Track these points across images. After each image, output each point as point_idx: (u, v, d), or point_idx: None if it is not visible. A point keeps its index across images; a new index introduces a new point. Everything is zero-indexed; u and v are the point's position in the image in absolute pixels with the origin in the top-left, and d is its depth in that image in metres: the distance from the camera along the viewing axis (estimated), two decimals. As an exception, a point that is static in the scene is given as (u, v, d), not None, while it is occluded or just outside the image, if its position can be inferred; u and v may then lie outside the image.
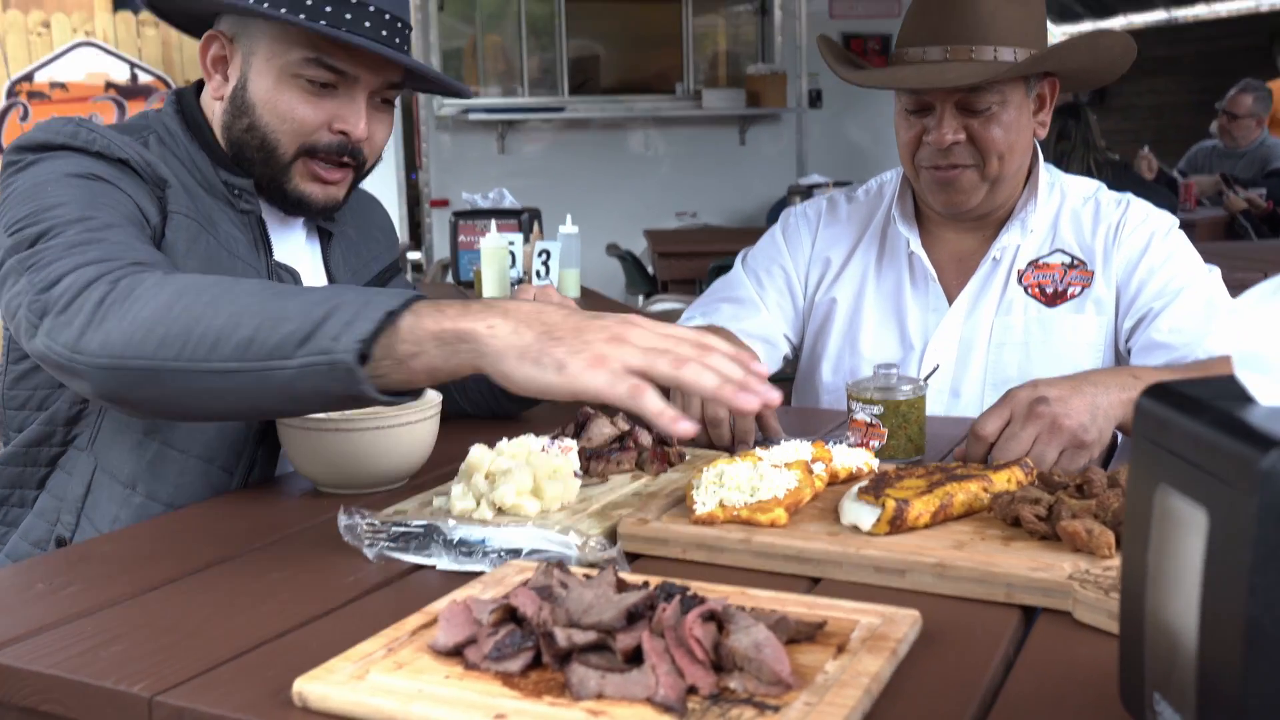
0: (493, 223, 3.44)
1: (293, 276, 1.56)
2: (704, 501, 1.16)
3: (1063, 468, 1.31)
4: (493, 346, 1.03)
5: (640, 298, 5.98)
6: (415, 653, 0.89)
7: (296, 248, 1.63)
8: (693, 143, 8.36)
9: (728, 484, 1.17)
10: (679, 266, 5.54)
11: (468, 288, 3.79)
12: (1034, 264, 1.84)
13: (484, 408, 1.74)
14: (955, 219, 1.86)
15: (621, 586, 0.92)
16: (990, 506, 1.15)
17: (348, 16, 1.44)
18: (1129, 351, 1.79)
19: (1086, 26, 11.61)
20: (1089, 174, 5.41)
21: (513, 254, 3.39)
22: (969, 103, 1.73)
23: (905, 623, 0.91)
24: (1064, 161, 4.69)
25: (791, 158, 8.58)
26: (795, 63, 8.53)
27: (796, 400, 2.03)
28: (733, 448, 1.47)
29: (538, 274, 3.21)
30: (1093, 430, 1.34)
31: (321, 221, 1.65)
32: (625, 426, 1.39)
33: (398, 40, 1.50)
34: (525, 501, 1.20)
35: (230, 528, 1.28)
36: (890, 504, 1.10)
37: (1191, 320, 1.71)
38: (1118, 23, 11.47)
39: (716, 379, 1.00)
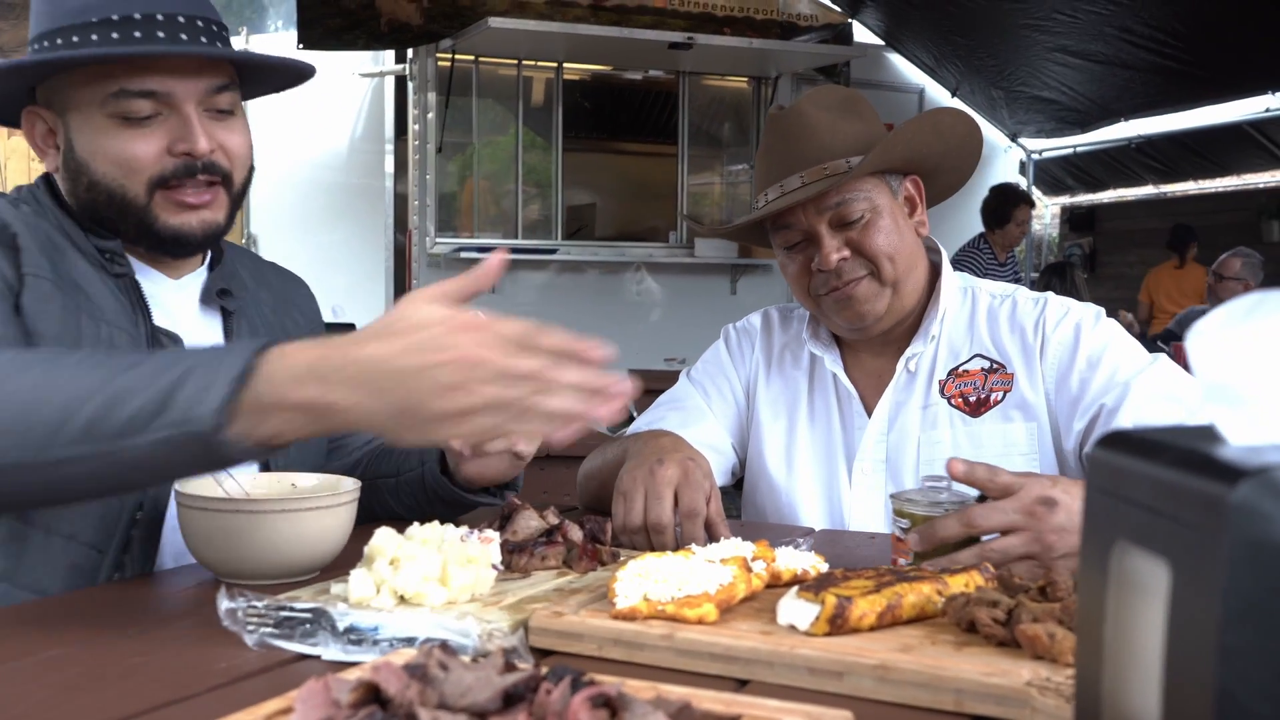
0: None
1: (174, 343, 1.46)
2: (626, 594, 1.05)
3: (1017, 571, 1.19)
4: (355, 419, 1.01)
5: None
6: (262, 737, 0.76)
7: (186, 320, 1.53)
8: (684, 290, 8.38)
9: (654, 577, 1.06)
10: (661, 406, 5.45)
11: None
12: (954, 372, 1.76)
13: (415, 511, 1.62)
14: (865, 335, 1.78)
15: (509, 671, 0.80)
16: (943, 611, 1.03)
17: (137, 34, 1.37)
18: (1085, 460, 1.68)
19: (1081, 199, 11.82)
20: None
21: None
22: (841, 217, 1.70)
23: (834, 724, 0.79)
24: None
25: (782, 308, 8.59)
26: (788, 216, 8.62)
27: (746, 514, 1.92)
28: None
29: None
30: (1071, 562, 1.21)
31: (221, 299, 1.56)
32: (554, 520, 1.28)
33: (204, 39, 1.41)
34: (430, 589, 1.08)
35: (97, 612, 1.16)
36: (831, 600, 0.99)
37: (1155, 410, 1.60)
38: (1108, 196, 11.66)
39: (574, 397, 1.00)
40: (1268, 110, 8.33)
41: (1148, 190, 11.73)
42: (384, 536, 1.12)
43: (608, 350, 1.02)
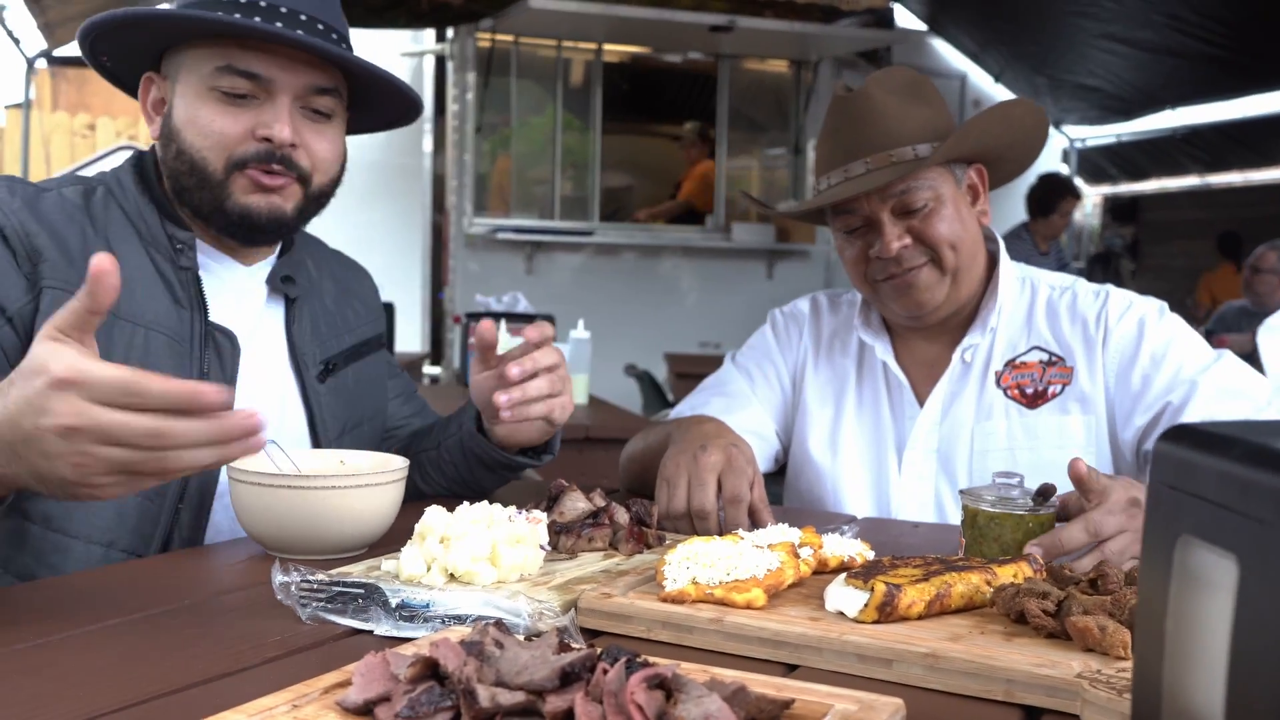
0: (503, 323, 3.38)
1: (229, 340, 1.47)
2: (675, 578, 1.05)
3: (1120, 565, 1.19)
4: (10, 483, 1.01)
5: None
6: (321, 709, 0.78)
7: (249, 309, 1.55)
8: (720, 274, 8.37)
9: (702, 560, 1.06)
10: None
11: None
12: (1011, 364, 1.75)
13: (459, 481, 1.64)
14: (921, 323, 1.77)
15: (564, 651, 0.81)
16: (992, 601, 1.03)
17: (257, 19, 1.40)
18: (1147, 454, 1.67)
19: (1123, 189, 11.67)
20: None
21: (522, 357, 3.31)
22: (905, 205, 1.68)
23: (886, 711, 0.79)
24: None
25: (818, 294, 8.56)
26: (826, 201, 8.58)
27: (789, 501, 1.92)
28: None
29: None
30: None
31: (284, 286, 1.58)
32: (601, 503, 1.29)
33: (320, 41, 1.43)
34: (480, 568, 1.09)
35: (150, 585, 1.17)
36: (880, 588, 0.99)
37: (1222, 407, 1.58)
38: (1150, 186, 11.52)
39: (206, 452, 0.94)
40: (1317, 102, 8.22)
41: (1192, 181, 11.59)
42: (435, 515, 1.13)
43: (223, 393, 0.92)
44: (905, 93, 1.72)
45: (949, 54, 8.92)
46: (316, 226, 1.64)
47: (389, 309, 4.77)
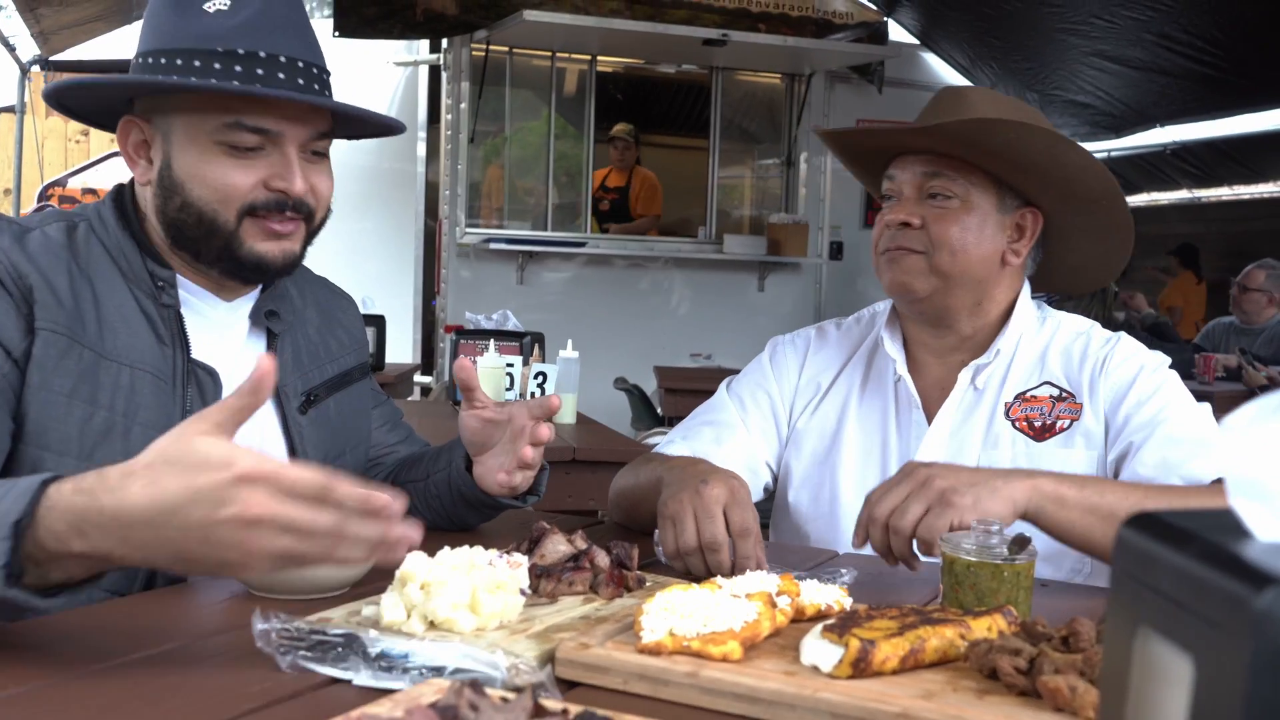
0: (492, 343, 3.40)
1: (211, 376, 1.49)
2: (652, 628, 1.06)
3: (927, 526, 1.37)
4: (138, 562, 1.03)
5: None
6: (296, 773, 0.78)
7: (231, 344, 1.56)
8: (712, 285, 8.39)
9: (680, 611, 1.07)
10: (686, 403, 5.45)
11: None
12: (1021, 397, 1.77)
13: (444, 516, 1.65)
14: (909, 309, 1.81)
15: (539, 713, 0.82)
16: (965, 656, 1.04)
17: (260, 72, 1.41)
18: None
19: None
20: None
21: (510, 375, 3.33)
22: (934, 190, 1.73)
23: (855, 777, 0.80)
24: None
25: (809, 306, 8.59)
26: (818, 215, 8.62)
27: (775, 533, 1.93)
28: (732, 574, 1.36)
29: (532, 396, 3.14)
30: (967, 495, 1.38)
31: (269, 321, 1.59)
32: (582, 545, 1.30)
33: (317, 87, 1.46)
34: (460, 616, 1.10)
35: (130, 628, 1.18)
36: (854, 644, 1.00)
37: (1176, 452, 1.63)
38: (1141, 199, 11.56)
39: (365, 549, 0.99)
40: (1307, 119, 8.26)
41: (1182, 194, 11.64)
42: (415, 561, 1.14)
43: (399, 502, 0.99)
44: (1003, 99, 1.77)
45: (941, 69, 8.95)
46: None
47: (380, 322, 4.77)
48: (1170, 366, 1.77)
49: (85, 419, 1.37)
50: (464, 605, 1.11)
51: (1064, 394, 1.75)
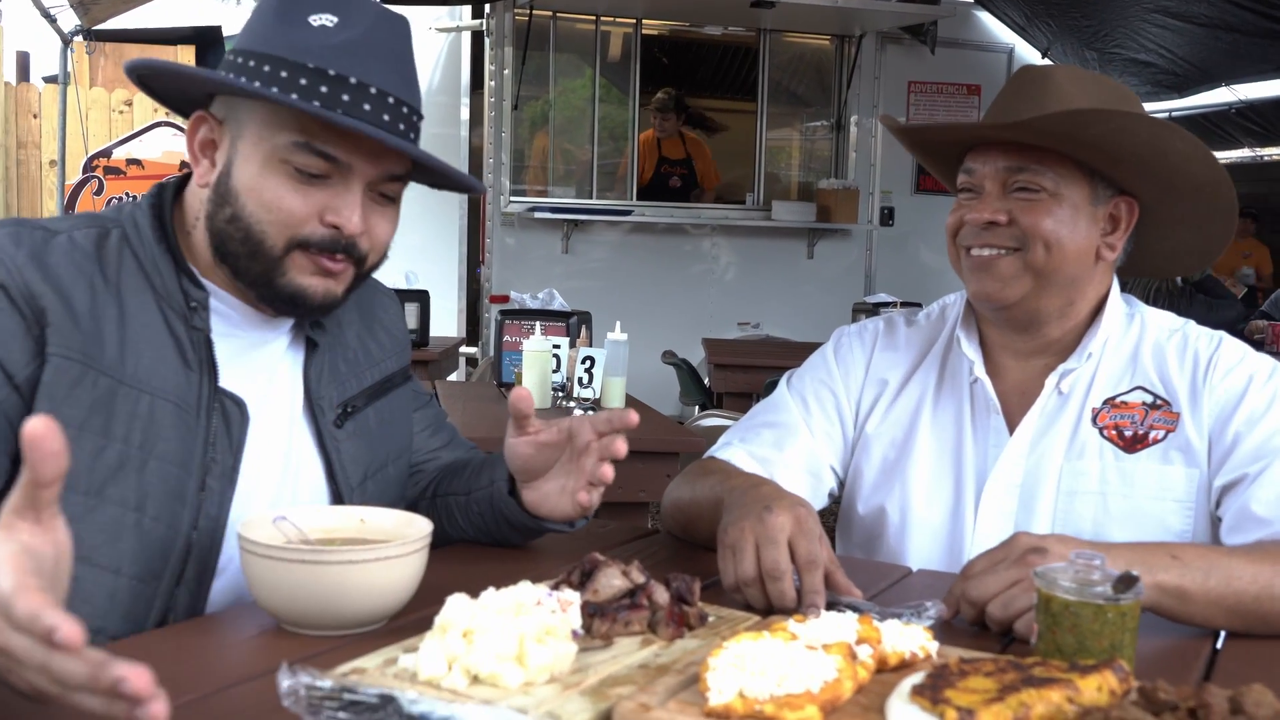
0: (538, 324, 3.29)
1: (238, 407, 1.38)
2: (720, 688, 0.95)
3: (1027, 622, 1.20)
4: None
5: (695, 409, 5.79)
6: None
7: (266, 364, 1.46)
8: (759, 253, 8.24)
9: (750, 668, 0.96)
10: (735, 379, 5.35)
11: (509, 389, 3.62)
12: (1110, 402, 1.62)
13: (485, 533, 1.55)
14: (997, 317, 1.66)
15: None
16: (1076, 723, 0.92)
17: (345, 98, 1.30)
18: (1219, 519, 1.55)
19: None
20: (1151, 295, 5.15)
21: (557, 358, 3.22)
22: (1020, 183, 1.57)
23: None
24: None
25: (859, 274, 8.43)
26: (868, 180, 8.43)
27: (841, 544, 1.80)
28: (799, 609, 1.24)
29: (580, 381, 3.04)
30: None
31: (310, 331, 1.48)
32: (640, 578, 1.19)
33: (402, 127, 1.35)
34: (506, 669, 1.00)
35: (152, 667, 1.08)
36: (951, 715, 0.88)
37: None
38: (1242, 154, 11.25)
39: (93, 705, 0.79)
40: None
41: (1244, 153, 11.32)
42: (456, 606, 1.04)
43: (142, 678, 0.77)
44: (1092, 79, 1.61)
45: (995, 27, 8.69)
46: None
47: (424, 298, 4.68)
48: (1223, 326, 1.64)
49: (97, 452, 1.27)
50: (510, 657, 1.00)
51: (1159, 401, 1.60)
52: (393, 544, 1.19)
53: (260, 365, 1.45)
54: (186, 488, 1.32)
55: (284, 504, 1.43)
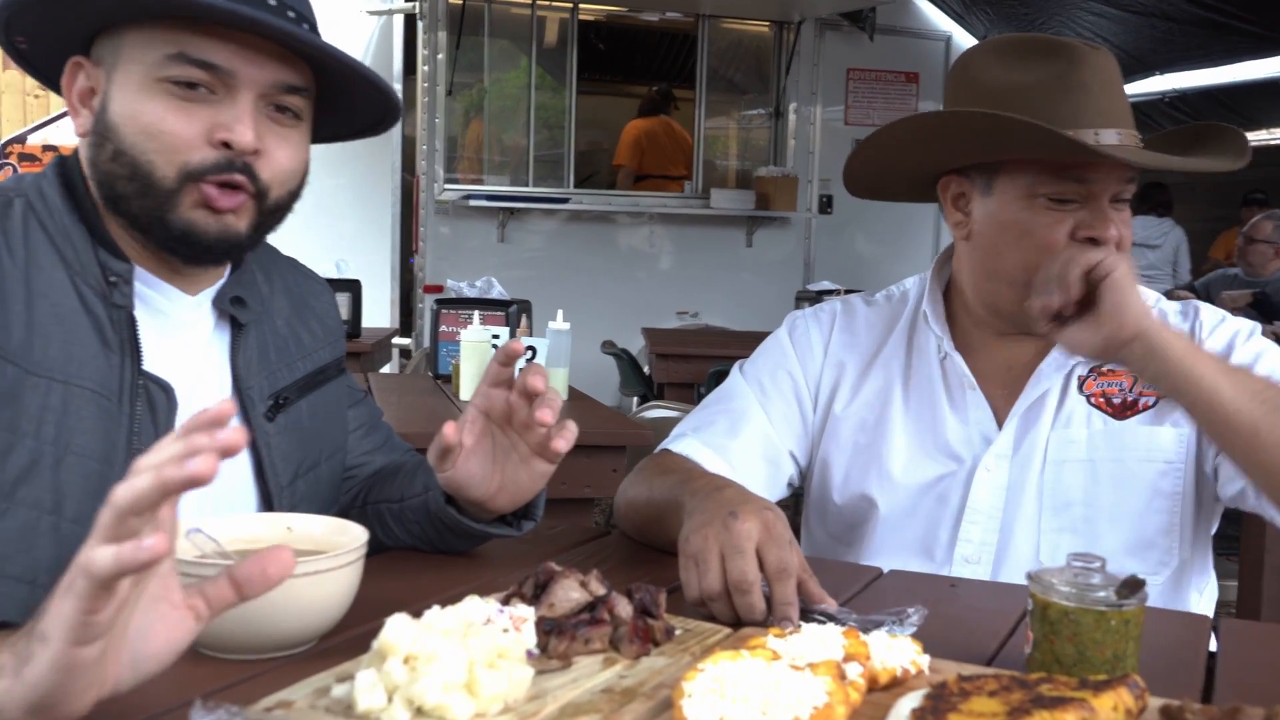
0: (476, 314, 3.16)
1: (165, 392, 1.25)
2: (698, 716, 0.84)
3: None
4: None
5: (635, 400, 5.68)
6: None
7: (192, 347, 1.33)
8: (698, 242, 8.15)
9: (731, 693, 0.86)
10: (677, 369, 5.24)
11: (445, 382, 3.48)
12: (1098, 370, 1.57)
13: (425, 541, 1.43)
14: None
15: None
16: (1094, 750, 0.83)
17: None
18: (1215, 471, 1.52)
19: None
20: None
21: (496, 348, 3.09)
22: (1121, 193, 1.48)
23: None
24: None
25: (799, 263, 8.38)
26: (807, 168, 8.38)
27: (807, 544, 1.71)
28: (767, 623, 1.14)
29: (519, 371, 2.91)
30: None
31: (233, 308, 1.35)
32: (600, 590, 1.08)
33: (291, 15, 1.22)
34: (455, 700, 0.88)
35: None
36: (960, 745, 0.79)
37: None
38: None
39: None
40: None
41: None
42: (397, 629, 0.91)
43: None
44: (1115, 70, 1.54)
45: (934, 14, 8.67)
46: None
47: (355, 288, 4.51)
48: None
49: (4, 451, 1.13)
50: (459, 685, 0.89)
51: None
52: (323, 556, 1.06)
53: (186, 349, 1.32)
54: (109, 484, 1.18)
55: (212, 503, 1.31)
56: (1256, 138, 10.56)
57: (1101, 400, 1.55)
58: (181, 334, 1.32)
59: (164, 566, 0.81)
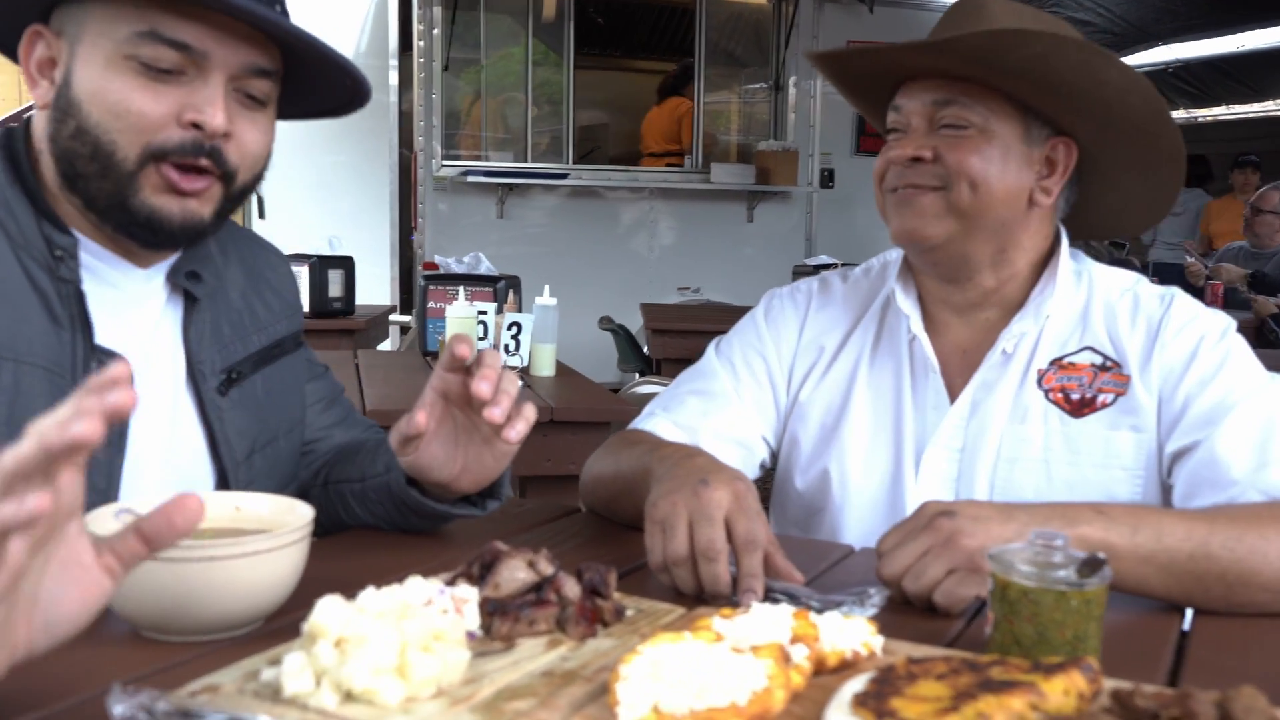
0: (461, 289, 3.13)
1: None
2: (632, 702, 0.82)
3: (947, 593, 1.13)
4: None
5: (634, 375, 5.65)
6: None
7: (144, 320, 1.30)
8: (699, 217, 8.10)
9: (667, 677, 0.83)
10: (673, 345, 5.21)
11: (434, 359, 3.46)
12: (1058, 363, 1.51)
13: (388, 521, 1.40)
14: (920, 260, 1.56)
15: None
16: (1041, 734, 0.80)
17: None
18: (1171, 487, 1.45)
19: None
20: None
21: (484, 324, 3.07)
22: (947, 120, 1.47)
23: None
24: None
25: (800, 237, 8.33)
26: (808, 141, 8.32)
27: (775, 520, 1.68)
28: (734, 596, 1.12)
29: (506, 348, 2.89)
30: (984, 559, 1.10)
31: (186, 282, 1.32)
32: (547, 570, 1.05)
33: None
34: (384, 684, 0.85)
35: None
36: (899, 730, 0.76)
37: (1246, 449, 1.36)
38: (1177, 115, 11.23)
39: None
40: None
41: (1178, 115, 11.35)
42: (328, 610, 0.88)
43: None
44: (1028, 11, 1.50)
45: (935, -14, 8.59)
46: (279, 171, 1.39)
47: (348, 264, 4.47)
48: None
49: None
50: (389, 669, 0.86)
51: (1109, 363, 1.49)
52: (262, 536, 1.03)
53: (137, 322, 1.30)
54: None
55: (166, 480, 1.29)
56: (1264, 108, 10.49)
57: (1060, 395, 1.49)
58: (133, 308, 1.30)
59: (70, 529, 0.78)
